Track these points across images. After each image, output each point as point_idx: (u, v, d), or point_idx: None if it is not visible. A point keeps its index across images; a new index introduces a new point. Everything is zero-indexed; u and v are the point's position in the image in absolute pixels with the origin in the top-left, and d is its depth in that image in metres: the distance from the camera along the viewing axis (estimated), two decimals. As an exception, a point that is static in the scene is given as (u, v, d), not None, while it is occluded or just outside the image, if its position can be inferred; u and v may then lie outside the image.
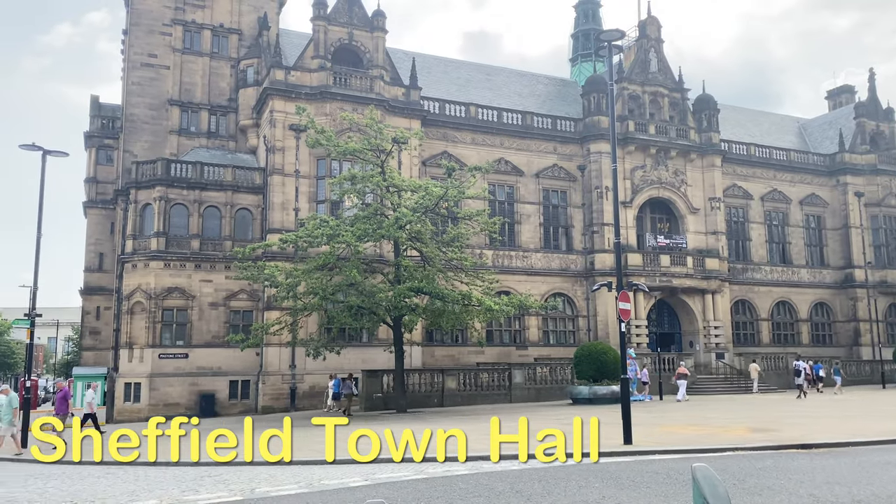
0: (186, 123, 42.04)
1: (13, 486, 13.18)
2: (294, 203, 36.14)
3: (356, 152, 29.66)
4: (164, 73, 42.13)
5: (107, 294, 44.28)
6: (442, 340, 39.26)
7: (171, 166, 36.80)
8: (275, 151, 36.35)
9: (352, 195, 29.91)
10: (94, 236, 46.55)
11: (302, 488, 11.35)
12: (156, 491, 11.73)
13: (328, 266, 28.21)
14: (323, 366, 32.58)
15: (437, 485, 11.14)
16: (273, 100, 36.66)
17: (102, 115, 48.44)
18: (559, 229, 43.81)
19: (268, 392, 34.21)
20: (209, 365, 35.24)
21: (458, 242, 30.49)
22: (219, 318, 36.04)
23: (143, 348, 34.90)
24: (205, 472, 14.07)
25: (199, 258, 36.05)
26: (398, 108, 38.45)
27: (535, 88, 50.08)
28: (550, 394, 34.26)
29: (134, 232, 36.47)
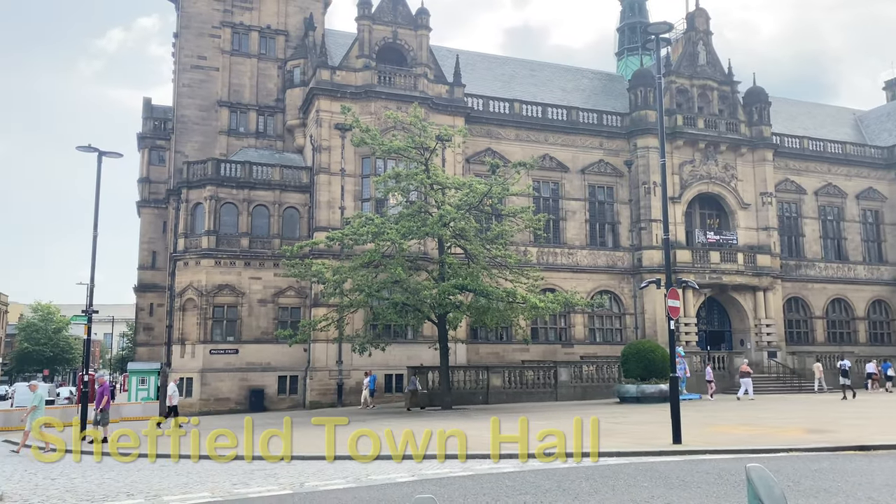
0: (235, 124, 42.87)
1: (73, 476, 13.64)
2: (340, 201, 36.53)
3: (400, 150, 29.82)
4: (214, 74, 43.03)
5: (160, 291, 45.47)
6: (486, 338, 39.23)
7: (221, 166, 37.57)
8: (321, 150, 36.80)
9: (396, 193, 30.08)
10: (148, 235, 47.83)
11: (350, 483, 11.47)
12: (207, 483, 11.99)
13: (373, 263, 28.47)
14: (369, 362, 32.91)
15: (484, 482, 11.14)
16: (319, 99, 37.11)
17: (154, 117, 49.74)
18: (605, 226, 43.31)
19: (315, 387, 34.68)
20: (258, 360, 35.89)
21: (502, 239, 30.41)
22: (268, 315, 36.69)
23: (195, 344, 35.73)
24: (254, 465, 14.35)
25: (249, 256, 36.75)
26: (442, 105, 38.52)
27: (580, 83, 49.58)
28: (597, 392, 33.93)
29: (185, 230, 37.36)
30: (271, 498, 10.28)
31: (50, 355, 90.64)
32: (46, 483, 12.78)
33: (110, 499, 10.74)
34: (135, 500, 10.48)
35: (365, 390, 32.60)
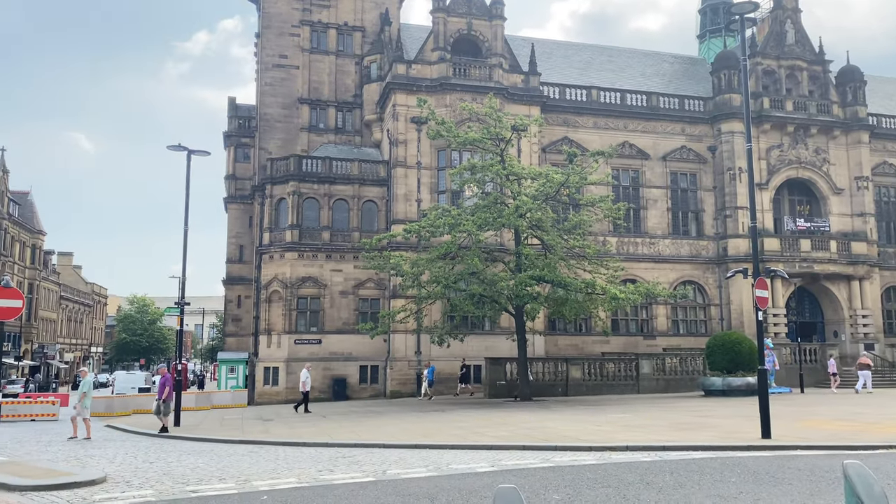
0: (315, 120, 43.88)
1: (170, 460, 14.37)
2: (416, 194, 36.89)
3: (476, 142, 29.81)
4: (294, 72, 44.16)
5: (247, 283, 47.15)
6: (565, 329, 38.84)
7: (303, 162, 38.59)
8: (397, 144, 37.23)
9: (472, 184, 30.10)
10: (235, 230, 49.62)
11: (431, 472, 11.62)
12: (294, 469, 12.40)
13: (450, 255, 28.63)
14: (447, 352, 33.17)
15: (565, 473, 11.07)
16: (395, 94, 37.53)
17: (239, 116, 51.46)
18: (688, 214, 42.07)
19: (395, 377, 35.24)
20: (341, 350, 36.76)
21: (580, 230, 30.01)
22: (349, 306, 37.51)
23: (280, 334, 36.92)
24: (338, 453, 14.74)
25: (330, 249, 37.64)
26: (517, 95, 38.27)
27: (660, 68, 48.23)
28: (680, 385, 33.10)
29: (270, 225, 38.60)
30: (354, 485, 10.53)
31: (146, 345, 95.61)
32: (145, 466, 13.52)
33: (204, 482, 11.26)
34: (226, 484, 10.95)
35: (424, 381, 33.16)
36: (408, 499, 9.25)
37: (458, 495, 9.42)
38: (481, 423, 19.86)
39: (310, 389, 29.05)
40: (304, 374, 28.98)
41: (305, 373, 29.05)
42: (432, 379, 33.22)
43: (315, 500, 9.31)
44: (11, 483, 11.23)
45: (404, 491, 9.85)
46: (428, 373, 33.24)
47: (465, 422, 20.35)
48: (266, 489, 10.35)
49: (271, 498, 9.59)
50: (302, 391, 28.70)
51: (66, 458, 15.26)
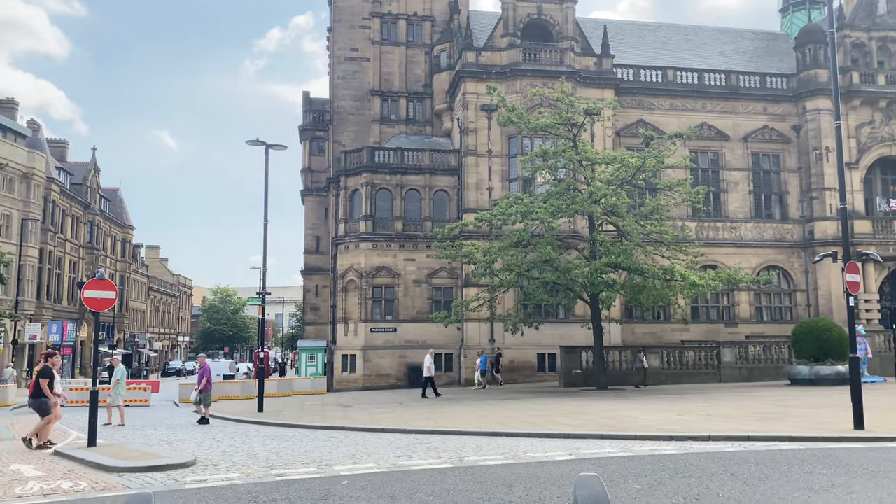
0: (387, 111, 44.35)
1: (255, 445, 14.89)
2: (487, 182, 36.81)
3: (547, 127, 29.45)
4: (366, 65, 44.72)
5: (324, 273, 48.26)
6: (642, 317, 38.07)
7: (375, 153, 39.10)
8: (468, 133, 37.20)
9: (544, 171, 29.80)
10: (311, 221, 50.84)
11: (508, 459, 11.63)
12: (373, 455, 12.64)
13: (523, 243, 28.44)
14: (521, 341, 33.07)
15: (644, 463, 10.88)
16: (465, 82, 37.47)
17: (313, 110, 52.57)
18: (772, 196, 40.43)
19: (469, 365, 35.39)
20: (415, 338, 37.17)
21: (657, 215, 29.29)
22: (422, 295, 37.88)
23: (357, 323, 37.64)
24: (415, 439, 14.93)
25: (403, 238, 38.05)
26: (590, 78, 37.58)
27: (739, 45, 46.39)
28: (764, 374, 31.95)
29: (345, 216, 39.33)
30: (432, 471, 10.64)
31: (229, 334, 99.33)
32: (231, 450, 14.05)
33: (287, 466, 11.61)
34: (308, 469, 11.26)
35: (476, 371, 33.18)
36: (485, 486, 9.28)
37: (536, 483, 9.39)
38: (557, 411, 19.73)
39: (433, 374, 29.13)
40: (427, 360, 29.15)
41: (429, 358, 29.17)
42: (485, 368, 33.31)
43: (394, 486, 9.46)
44: (109, 464, 11.88)
45: (482, 478, 9.89)
46: (480, 362, 33.37)
47: (540, 410, 20.26)
48: (347, 474, 10.59)
49: (352, 482, 9.81)
50: (425, 376, 28.84)
51: (158, 441, 16.03)
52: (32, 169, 48.98)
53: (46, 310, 51.21)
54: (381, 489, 9.23)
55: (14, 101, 54.02)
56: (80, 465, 12.33)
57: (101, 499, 9.29)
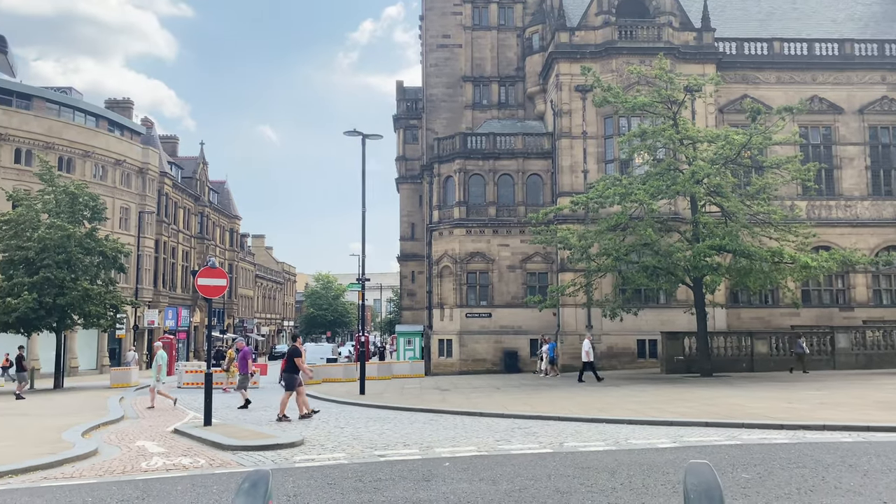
0: (479, 97, 44.29)
1: (358, 426, 15.36)
2: (582, 165, 36.17)
3: (645, 106, 28.57)
4: (457, 51, 44.79)
5: (419, 260, 48.95)
6: (749, 301, 36.50)
7: (468, 139, 39.17)
8: (561, 115, 36.63)
9: (642, 152, 28.98)
10: (406, 208, 51.60)
11: (609, 445, 11.49)
12: (473, 438, 12.77)
13: (620, 226, 27.83)
14: (620, 326, 32.45)
15: (754, 452, 10.48)
16: (558, 63, 36.87)
17: (406, 99, 53.17)
18: (891, 172, 37.69)
19: (566, 351, 35.04)
20: (510, 324, 37.16)
21: (764, 194, 27.93)
22: (516, 280, 37.78)
23: (452, 308, 38.01)
24: (514, 423, 14.97)
25: (496, 224, 38.02)
26: (689, 54, 36.14)
27: (853, 11, 43.30)
28: (884, 361, 30.01)
29: (438, 203, 39.68)
30: (532, 456, 10.66)
31: (331, 319, 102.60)
32: (337, 431, 14.55)
33: (390, 447, 11.93)
34: (410, 450, 11.52)
35: (545, 358, 32.58)
36: (587, 471, 9.21)
37: (639, 470, 9.23)
38: (659, 398, 19.27)
39: (593, 360, 27.95)
40: (586, 345, 27.95)
41: (587, 343, 28.03)
42: (553, 356, 32.79)
43: (495, 469, 9.55)
44: (224, 443, 12.57)
45: (583, 463, 9.82)
46: (549, 349, 32.84)
47: (642, 397, 19.86)
48: (448, 456, 10.77)
49: (453, 464, 9.96)
50: (585, 360, 27.68)
51: (267, 422, 16.79)
52: (147, 164, 52.09)
53: (163, 297, 54.54)
54: (482, 472, 9.33)
55: (129, 101, 57.53)
56: (198, 443, 13.11)
57: (218, 475, 9.85)
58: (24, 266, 30.28)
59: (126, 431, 15.39)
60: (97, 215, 33.63)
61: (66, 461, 11.09)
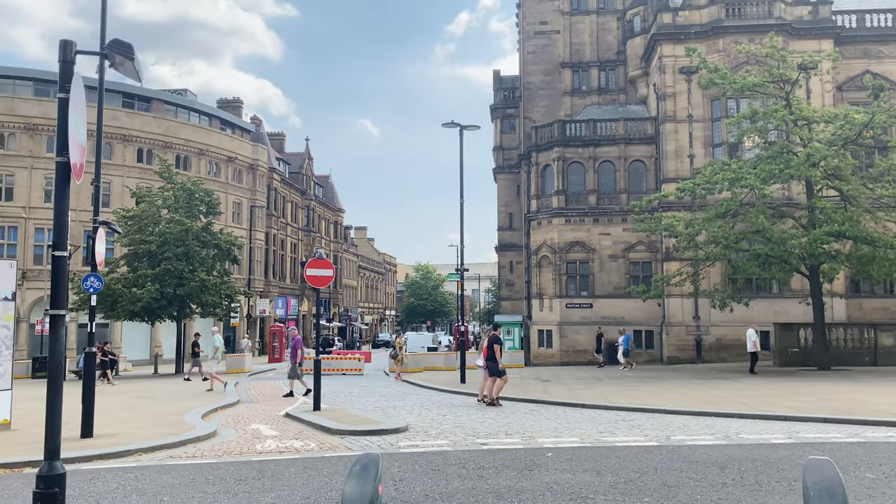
0: (577, 83, 43.57)
1: (459, 414, 15.55)
2: (688, 150, 34.90)
3: (755, 87, 27.18)
4: (555, 37, 44.17)
5: (517, 250, 48.80)
6: (872, 291, 34.17)
7: (566, 127, 38.60)
8: (665, 98, 35.46)
9: (752, 134, 27.63)
10: (504, 199, 51.50)
11: (718, 440, 11.11)
12: (576, 430, 12.67)
13: (730, 213, 26.68)
14: (730, 317, 31.21)
15: (878, 450, 9.86)
16: (661, 45, 35.68)
17: (503, 88, 52.96)
18: None
19: (672, 343, 34.07)
20: (612, 314, 36.44)
21: (889, 176, 26.00)
22: (619, 270, 36.99)
23: (552, 298, 37.69)
24: (617, 416, 14.72)
25: (597, 212, 37.32)
26: (803, 29, 34.09)
27: None
28: None
29: (536, 192, 39.37)
30: (638, 448, 10.46)
31: (431, 308, 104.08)
32: (439, 419, 14.79)
33: (492, 436, 12.01)
34: (512, 440, 11.56)
35: (619, 349, 31.61)
36: (695, 466, 8.96)
37: (751, 466, 8.88)
38: (772, 392, 18.42)
39: (757, 350, 26.31)
40: (752, 334, 26.40)
41: (753, 332, 26.52)
42: (627, 348, 31.71)
43: (599, 461, 9.44)
44: (332, 427, 13.04)
45: (691, 457, 9.55)
46: (623, 341, 31.76)
47: (753, 390, 19.04)
48: (550, 446, 10.74)
49: (556, 455, 9.93)
50: (751, 351, 26.23)
51: (373, 408, 17.29)
52: (257, 161, 54.50)
53: (273, 287, 57.01)
54: (585, 463, 9.26)
55: (239, 101, 60.29)
56: (308, 427, 13.66)
57: (328, 458, 10.24)
58: (147, 258, 32.41)
59: (241, 415, 16.25)
60: (212, 210, 35.57)
61: (188, 441, 11.85)
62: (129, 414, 16.04)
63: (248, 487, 8.20)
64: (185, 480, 8.69)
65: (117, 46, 6.20)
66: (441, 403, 18.27)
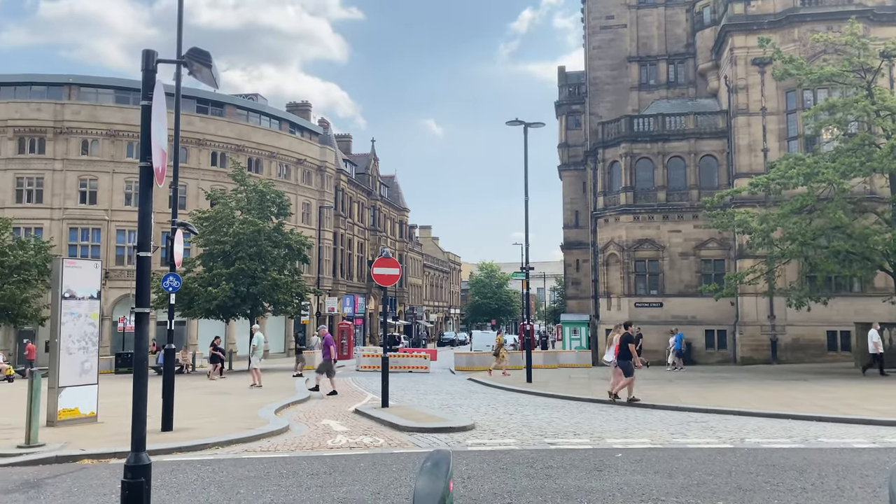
0: (645, 77, 42.73)
1: (526, 413, 15.50)
2: (762, 143, 33.77)
3: (833, 77, 26.06)
4: (622, 32, 43.43)
5: (583, 248, 48.19)
6: (964, 289, 32.25)
7: (634, 122, 37.88)
8: (737, 91, 34.39)
9: (831, 126, 26.48)
10: (569, 196, 50.94)
11: (796, 443, 10.74)
12: (646, 430, 12.45)
13: (807, 208, 25.66)
14: (807, 317, 30.07)
15: (972, 459, 9.33)
16: (732, 36, 34.63)
17: (568, 84, 52.38)
18: None
19: (746, 343, 33.05)
20: (683, 314, 35.57)
21: (982, 167, 24.49)
22: (689, 268, 36.09)
23: (620, 297, 37.07)
24: (689, 417, 14.40)
25: (667, 209, 36.50)
26: (887, 15, 32.51)
27: None
28: None
29: (603, 189, 38.78)
30: (710, 450, 10.22)
31: (495, 307, 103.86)
32: (506, 417, 14.78)
33: (560, 436, 11.93)
34: (581, 440, 11.46)
35: (671, 350, 30.55)
36: (772, 469, 8.69)
37: (832, 471, 8.56)
38: (854, 394, 17.67)
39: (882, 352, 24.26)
40: (873, 335, 24.25)
41: (874, 333, 24.34)
42: (680, 348, 30.62)
43: (670, 462, 9.26)
44: (401, 424, 13.21)
45: (766, 461, 9.27)
46: (675, 340, 30.70)
47: (832, 392, 18.30)
48: (619, 447, 10.60)
49: (625, 455, 9.79)
50: (872, 352, 24.31)
51: (439, 406, 17.41)
52: (325, 162, 55.60)
53: (341, 285, 58.07)
54: (656, 465, 9.10)
55: (307, 104, 61.62)
56: (377, 424, 13.87)
57: (396, 455, 10.39)
58: (222, 258, 33.52)
59: (312, 410, 16.63)
60: (283, 211, 36.50)
61: (262, 436, 12.21)
62: (205, 409, 16.64)
63: (319, 482, 8.41)
64: (261, 473, 8.97)
65: (196, 55, 6.45)
66: (507, 402, 18.25)
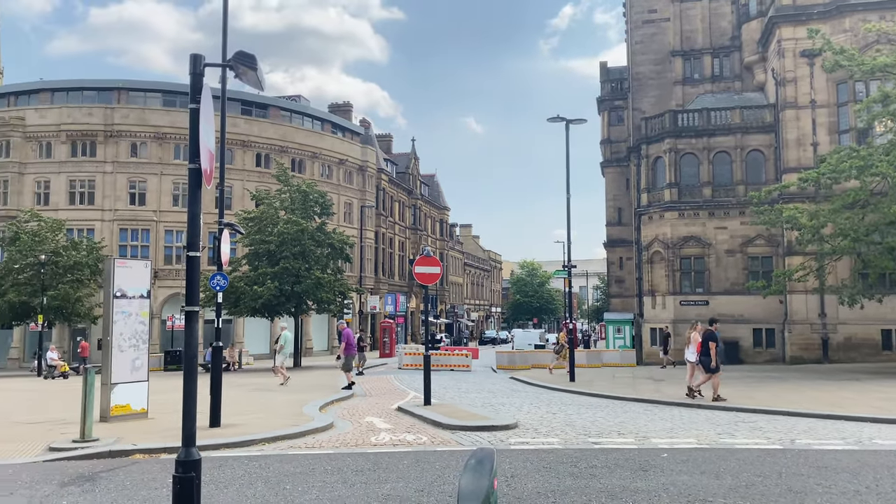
0: (689, 72, 41.97)
1: (570, 412, 15.39)
2: (811, 137, 32.87)
3: (887, 67, 25.19)
4: (665, 25, 42.75)
5: (627, 245, 47.62)
6: None
7: (678, 117, 37.26)
8: (785, 84, 33.55)
9: (885, 119, 25.59)
10: (612, 193, 50.39)
11: (849, 445, 10.45)
12: (692, 430, 12.26)
13: (859, 203, 24.89)
14: (860, 315, 29.21)
15: None
16: (780, 28, 33.78)
17: (610, 80, 51.81)
18: None
19: (795, 342, 32.24)
20: (729, 312, 34.83)
21: None
22: (736, 265, 35.37)
23: (665, 295, 36.52)
24: (736, 417, 14.13)
25: (712, 206, 35.83)
26: (944, 2, 31.29)
27: None
28: None
29: (647, 185, 38.24)
30: (759, 451, 10.01)
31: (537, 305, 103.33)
32: (549, 416, 14.70)
33: (604, 435, 11.82)
34: (625, 439, 11.34)
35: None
36: (823, 471, 8.47)
37: (888, 473, 8.31)
38: None
39: None
40: None
41: None
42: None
43: (717, 462, 9.10)
44: (444, 422, 13.25)
45: (818, 462, 9.04)
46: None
47: (887, 393, 17.75)
48: (665, 447, 10.45)
49: (671, 455, 9.66)
50: None
51: (481, 404, 17.41)
52: (366, 162, 56.05)
53: (382, 284, 58.49)
54: (703, 465, 8.95)
55: (349, 104, 62.22)
56: (419, 421, 13.94)
57: (440, 452, 10.42)
58: (267, 258, 34.07)
59: (356, 408, 16.79)
60: (326, 210, 36.93)
61: (307, 433, 12.38)
62: (251, 405, 16.93)
63: (364, 478, 8.49)
64: (306, 470, 9.09)
65: (241, 58, 6.57)
66: (550, 401, 18.15)
